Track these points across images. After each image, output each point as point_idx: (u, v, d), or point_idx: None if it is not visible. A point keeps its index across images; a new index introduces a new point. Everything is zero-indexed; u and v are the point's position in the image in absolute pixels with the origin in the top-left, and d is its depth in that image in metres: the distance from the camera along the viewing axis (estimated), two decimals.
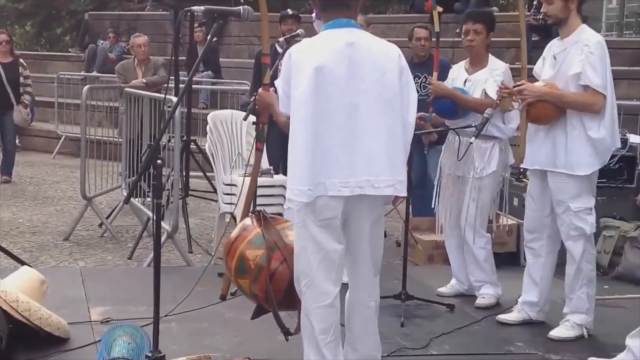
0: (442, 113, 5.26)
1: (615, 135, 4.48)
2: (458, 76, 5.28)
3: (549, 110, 4.44)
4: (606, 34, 20.90)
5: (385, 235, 6.45)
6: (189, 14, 6.42)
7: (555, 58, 4.50)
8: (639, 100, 8.58)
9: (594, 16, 22.89)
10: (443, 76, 5.42)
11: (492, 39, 5.21)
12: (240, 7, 3.80)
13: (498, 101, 4.66)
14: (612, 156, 6.11)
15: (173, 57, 7.02)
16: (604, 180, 6.17)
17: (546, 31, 10.37)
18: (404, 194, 3.38)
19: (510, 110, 4.74)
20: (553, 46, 4.60)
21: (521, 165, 4.82)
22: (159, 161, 3.41)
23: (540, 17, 10.06)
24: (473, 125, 4.85)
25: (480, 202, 5.12)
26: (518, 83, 4.49)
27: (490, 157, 5.06)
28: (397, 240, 6.94)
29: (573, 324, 4.56)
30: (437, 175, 5.39)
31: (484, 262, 5.21)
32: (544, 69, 4.59)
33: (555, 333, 4.56)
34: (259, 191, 4.93)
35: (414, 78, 6.59)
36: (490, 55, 5.20)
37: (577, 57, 4.37)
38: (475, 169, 5.08)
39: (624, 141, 6.24)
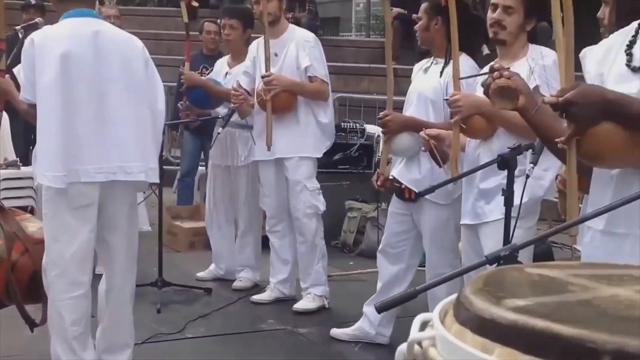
0: (195, 102, 5.27)
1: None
2: (221, 69, 5.33)
3: (289, 101, 4.60)
4: (357, 34, 21.88)
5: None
6: None
7: (276, 55, 4.65)
8: (379, 95, 9.07)
9: (345, 17, 23.86)
10: None
11: (254, 35, 5.28)
12: None
13: (235, 107, 4.73)
14: (353, 145, 6.49)
15: None
16: (347, 166, 6.50)
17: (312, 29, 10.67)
18: (156, 180, 3.36)
19: (248, 114, 4.81)
20: (260, 45, 4.72)
21: (256, 158, 4.88)
22: None
23: (289, 15, 10.34)
24: (220, 116, 4.88)
25: (250, 189, 5.15)
26: (266, 74, 4.57)
27: (253, 145, 5.10)
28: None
29: (314, 296, 4.75)
30: (208, 164, 5.43)
31: (250, 248, 5.26)
32: (261, 65, 4.66)
33: (299, 306, 4.73)
34: (4, 184, 4.61)
35: (203, 69, 6.60)
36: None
37: (301, 52, 4.60)
38: (239, 157, 5.13)
39: (362, 131, 6.64)
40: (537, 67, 3.23)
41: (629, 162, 2.06)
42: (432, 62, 3.85)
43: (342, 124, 6.59)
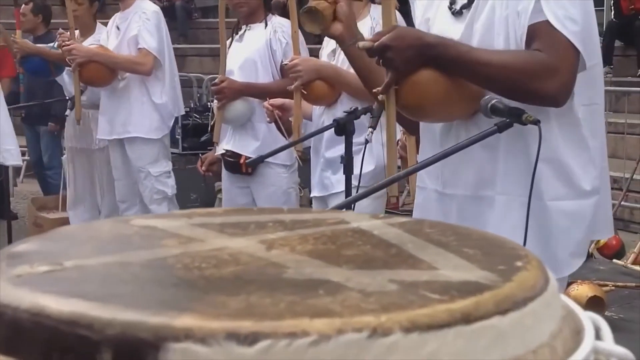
0: (34, 72, 4.85)
1: (177, 101, 4.40)
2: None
3: (102, 73, 4.20)
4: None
5: (16, 217, 5.99)
6: None
7: (118, 28, 4.32)
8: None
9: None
10: None
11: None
12: None
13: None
14: None
15: None
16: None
17: (171, 14, 10.25)
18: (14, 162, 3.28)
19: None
20: (116, 19, 4.42)
21: (98, 136, 4.52)
22: None
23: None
24: (68, 98, 4.49)
25: (108, 173, 4.69)
26: (67, 43, 4.18)
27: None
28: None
29: None
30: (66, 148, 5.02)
31: None
32: (109, 40, 4.39)
33: None
34: None
35: None
36: (99, 23, 4.83)
37: (135, 24, 4.25)
38: (94, 140, 4.70)
39: None
40: (378, 27, 3.00)
41: (452, 113, 1.82)
42: (245, 30, 3.55)
43: (209, 104, 6.25)
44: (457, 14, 1.83)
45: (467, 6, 1.82)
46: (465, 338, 0.42)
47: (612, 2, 9.02)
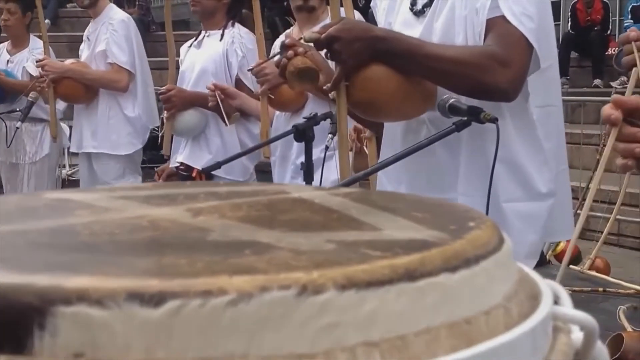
0: None
1: (151, 113, 4.22)
2: (0, 58, 4.74)
3: (75, 89, 4.05)
4: None
5: None
6: None
7: (88, 39, 4.17)
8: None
9: (195, 20, 23.17)
10: None
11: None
12: None
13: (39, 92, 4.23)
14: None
15: None
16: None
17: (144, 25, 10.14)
18: None
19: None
20: (88, 28, 4.26)
21: (71, 150, 4.44)
22: None
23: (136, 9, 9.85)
24: (18, 109, 4.36)
25: (37, 187, 4.59)
26: (40, 58, 4.07)
27: (42, 140, 4.60)
28: None
29: None
30: None
31: None
32: (83, 52, 4.24)
33: None
34: None
35: None
36: (32, 35, 4.72)
37: (103, 36, 4.08)
38: (27, 153, 4.59)
39: None
40: None
41: (406, 111, 1.76)
42: (204, 36, 3.39)
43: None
44: (419, 13, 1.80)
45: (428, 5, 1.79)
46: (408, 296, 0.37)
47: (569, 13, 9.18)
